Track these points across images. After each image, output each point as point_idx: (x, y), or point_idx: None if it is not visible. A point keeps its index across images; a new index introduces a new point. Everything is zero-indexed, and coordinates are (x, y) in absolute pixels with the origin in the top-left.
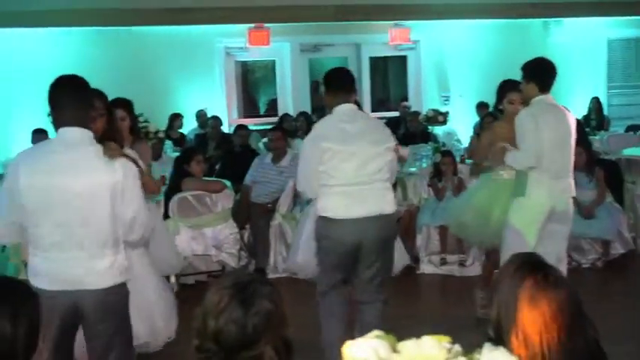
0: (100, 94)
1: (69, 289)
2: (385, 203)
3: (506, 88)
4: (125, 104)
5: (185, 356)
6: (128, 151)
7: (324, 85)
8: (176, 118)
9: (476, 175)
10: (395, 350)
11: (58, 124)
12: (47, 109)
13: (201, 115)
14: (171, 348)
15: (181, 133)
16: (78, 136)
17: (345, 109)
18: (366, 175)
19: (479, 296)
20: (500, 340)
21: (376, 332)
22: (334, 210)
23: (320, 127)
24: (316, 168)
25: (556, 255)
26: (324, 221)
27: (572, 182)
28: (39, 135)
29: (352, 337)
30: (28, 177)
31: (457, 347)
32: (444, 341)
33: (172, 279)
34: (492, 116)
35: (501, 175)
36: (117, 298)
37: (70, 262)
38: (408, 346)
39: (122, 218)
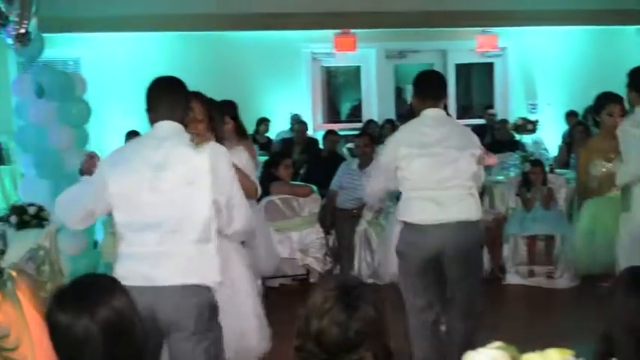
0: (198, 96)
1: (161, 284)
2: (466, 210)
3: (606, 99)
4: (227, 107)
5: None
6: (238, 148)
7: (413, 88)
8: (262, 123)
9: (584, 198)
10: None
11: (153, 123)
12: (140, 111)
13: (295, 120)
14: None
15: (268, 138)
16: (169, 128)
17: (431, 114)
18: (446, 180)
19: None
20: (610, 354)
21: (497, 343)
22: (413, 214)
23: (402, 131)
24: (388, 170)
25: None
26: (403, 226)
27: None
28: (133, 136)
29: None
30: (116, 172)
31: None
32: (568, 354)
33: (259, 282)
34: (582, 125)
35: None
36: (209, 294)
37: (163, 256)
38: (531, 358)
39: (218, 204)
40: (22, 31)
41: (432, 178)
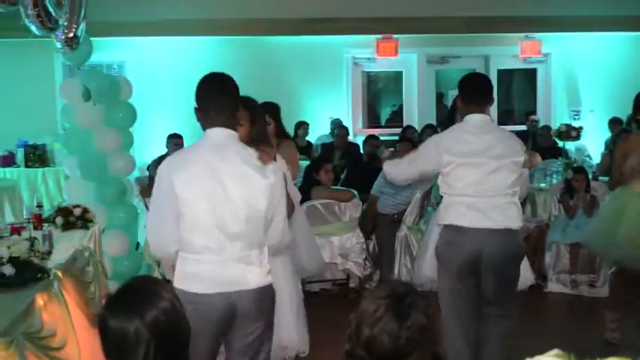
0: (246, 101)
1: (225, 290)
2: (508, 218)
3: None
4: (269, 108)
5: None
6: (277, 157)
7: (459, 91)
8: (300, 126)
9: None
10: None
11: (206, 124)
12: (182, 114)
13: (336, 124)
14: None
15: (308, 141)
16: (226, 136)
17: (475, 119)
18: (489, 188)
19: (608, 318)
20: None
21: (555, 351)
22: (453, 217)
23: (446, 137)
24: (426, 170)
25: None
26: (443, 229)
27: None
28: (174, 139)
29: None
30: (182, 183)
31: None
32: None
33: (299, 286)
34: (626, 132)
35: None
36: (267, 297)
37: (223, 263)
38: None
39: (267, 222)
40: (71, 35)
41: (474, 186)
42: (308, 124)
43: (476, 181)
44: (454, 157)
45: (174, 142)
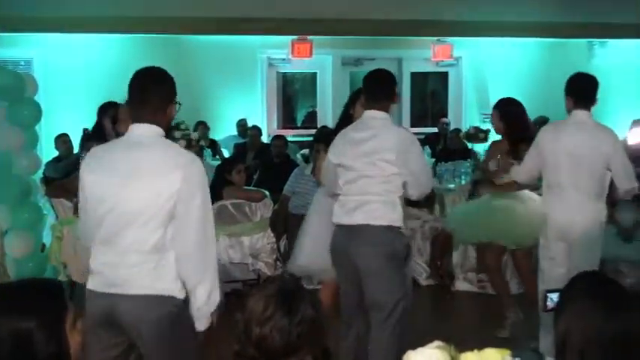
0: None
1: (115, 292)
2: (373, 216)
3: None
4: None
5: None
6: None
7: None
8: (198, 127)
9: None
10: None
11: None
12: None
13: (241, 125)
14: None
15: (212, 140)
16: (148, 133)
17: (366, 115)
18: (358, 186)
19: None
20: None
21: (436, 342)
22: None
23: (337, 136)
24: (329, 173)
25: None
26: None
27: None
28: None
29: None
30: (89, 177)
31: None
32: (506, 354)
33: None
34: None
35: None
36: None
37: (119, 265)
38: (469, 357)
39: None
40: None
41: (345, 183)
42: (206, 124)
43: (348, 179)
44: (335, 155)
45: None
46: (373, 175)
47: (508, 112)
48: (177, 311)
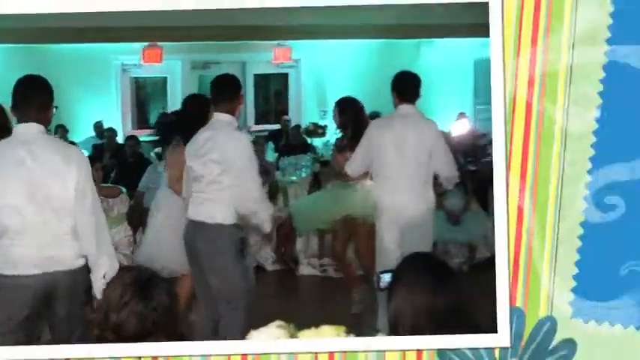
0: None
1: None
2: (209, 215)
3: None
4: None
5: None
6: None
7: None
8: (57, 130)
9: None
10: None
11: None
12: None
13: (98, 127)
14: None
15: (71, 142)
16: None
17: (214, 119)
18: (198, 185)
19: (354, 292)
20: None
21: (277, 322)
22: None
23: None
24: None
25: None
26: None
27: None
28: None
29: None
30: None
31: (352, 336)
32: (340, 330)
33: None
34: None
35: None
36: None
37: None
38: (307, 334)
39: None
40: None
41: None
42: (65, 127)
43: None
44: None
45: None
46: (204, 175)
47: (347, 108)
48: None
